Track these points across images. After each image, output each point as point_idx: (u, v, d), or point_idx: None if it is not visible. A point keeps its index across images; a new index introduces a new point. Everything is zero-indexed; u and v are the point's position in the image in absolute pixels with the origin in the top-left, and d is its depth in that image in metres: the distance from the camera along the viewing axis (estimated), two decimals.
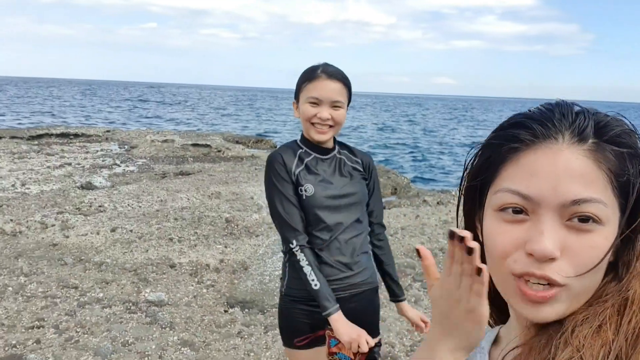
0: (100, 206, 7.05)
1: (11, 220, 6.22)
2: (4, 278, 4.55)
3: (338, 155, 1.89)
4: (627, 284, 0.58)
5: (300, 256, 1.74)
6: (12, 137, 14.57)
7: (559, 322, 0.58)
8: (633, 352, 0.53)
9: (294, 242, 1.76)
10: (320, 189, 1.80)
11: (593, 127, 0.58)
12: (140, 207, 7.13)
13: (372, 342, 1.69)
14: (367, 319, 1.85)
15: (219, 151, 13.47)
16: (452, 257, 0.58)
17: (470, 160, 0.68)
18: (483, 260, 0.59)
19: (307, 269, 1.73)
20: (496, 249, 0.60)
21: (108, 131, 17.10)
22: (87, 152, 12.99)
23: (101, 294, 4.36)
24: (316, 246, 1.81)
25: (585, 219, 0.55)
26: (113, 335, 3.66)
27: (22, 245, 5.45)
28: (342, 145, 1.95)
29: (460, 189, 0.70)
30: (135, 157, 12.57)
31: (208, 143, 14.14)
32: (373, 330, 1.79)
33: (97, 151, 13.30)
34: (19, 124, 22.34)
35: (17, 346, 3.46)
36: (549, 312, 0.58)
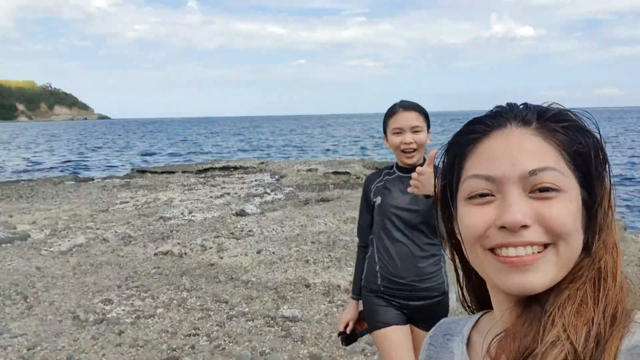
0: (250, 231, 7.87)
1: (178, 243, 7.28)
2: (171, 292, 5.37)
3: None
4: (596, 255, 0.61)
5: (357, 253, 2.38)
6: (184, 172, 16.86)
7: (540, 303, 0.59)
8: (611, 331, 0.55)
9: (358, 243, 2.39)
10: (387, 199, 2.17)
11: (535, 112, 0.65)
12: (283, 231, 7.79)
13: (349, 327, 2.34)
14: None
15: (357, 178, 13.96)
16: None
17: (439, 164, 0.72)
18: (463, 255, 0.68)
19: (356, 263, 2.38)
20: (470, 231, 0.63)
21: (262, 163, 18.81)
22: (243, 183, 14.46)
23: (247, 309, 4.90)
24: (383, 248, 2.20)
25: (545, 188, 0.60)
26: (253, 345, 4.12)
27: (186, 264, 6.35)
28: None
29: (435, 192, 0.74)
30: (284, 185, 13.64)
31: (348, 170, 14.74)
32: None
33: (252, 181, 14.72)
34: (188, 160, 25.53)
35: (177, 350, 4.09)
36: (534, 278, 0.59)
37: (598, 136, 0.64)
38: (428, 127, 2.17)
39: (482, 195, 0.62)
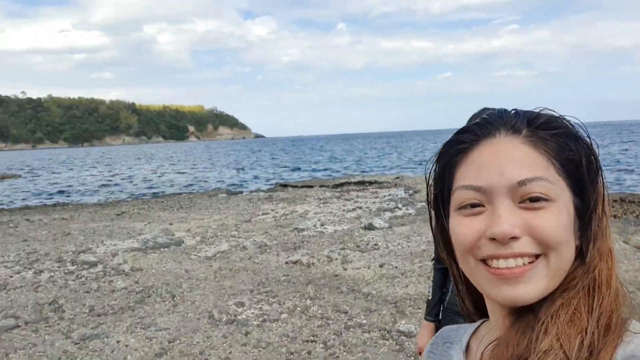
0: (375, 244, 7.94)
1: (307, 253, 7.63)
2: (296, 300, 5.66)
3: None
4: (591, 264, 0.60)
5: (433, 274, 2.21)
6: (321, 186, 17.58)
7: (533, 312, 0.59)
8: (605, 340, 0.55)
9: (432, 262, 2.23)
10: None
11: (525, 120, 0.64)
12: (408, 246, 7.71)
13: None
14: None
15: None
16: None
17: (429, 174, 0.72)
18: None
19: (432, 284, 2.21)
20: (461, 242, 0.63)
21: (397, 178, 18.80)
22: (376, 197, 14.59)
23: (364, 320, 4.96)
24: None
25: (535, 198, 0.59)
26: (366, 357, 4.17)
27: (312, 274, 6.64)
28: None
29: (428, 203, 0.73)
30: (416, 200, 13.45)
31: None
32: None
33: (385, 196, 14.78)
34: (328, 175, 26.52)
35: (294, 354, 4.30)
36: (525, 290, 0.59)
37: (589, 142, 0.62)
38: None
39: (473, 205, 0.62)
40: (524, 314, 0.60)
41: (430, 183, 0.71)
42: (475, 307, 0.76)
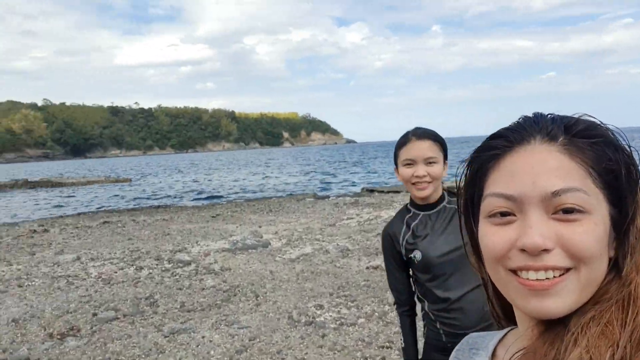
0: None
1: None
2: (374, 305, 5.62)
3: (448, 205, 1.93)
4: (627, 278, 0.58)
5: (400, 320, 2.02)
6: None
7: (563, 323, 0.58)
8: (637, 355, 0.52)
9: (395, 307, 2.05)
10: (428, 251, 1.86)
11: (562, 126, 0.61)
12: None
13: None
14: None
15: None
16: None
17: (460, 178, 0.70)
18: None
19: (402, 332, 2.02)
20: (490, 252, 0.62)
21: None
22: None
23: None
24: (445, 307, 1.88)
25: (569, 210, 0.57)
26: None
27: None
28: (451, 194, 1.97)
29: (458, 207, 0.73)
30: None
31: None
32: None
33: None
34: None
35: (369, 359, 4.28)
36: (554, 304, 0.57)
37: (629, 151, 0.60)
38: (445, 157, 1.90)
39: (503, 214, 0.61)
40: (553, 325, 0.58)
41: (460, 188, 0.70)
42: (504, 313, 0.74)
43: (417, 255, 1.88)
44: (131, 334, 5.10)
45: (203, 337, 4.93)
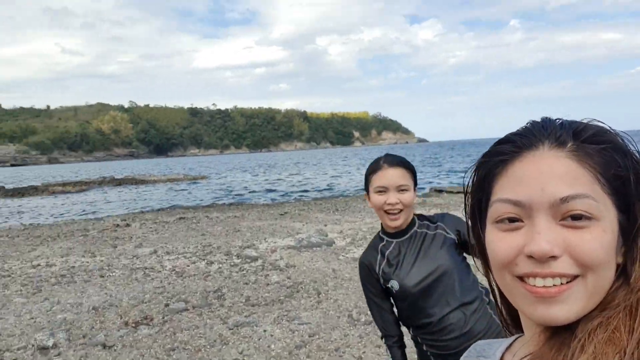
0: None
1: None
2: None
3: (418, 230, 1.94)
4: (636, 285, 0.58)
5: (390, 352, 1.97)
6: None
7: (570, 329, 0.58)
8: None
9: (383, 340, 1.99)
10: (404, 280, 1.87)
11: (571, 132, 0.61)
12: None
13: None
14: None
15: None
16: None
17: (468, 183, 0.71)
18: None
19: None
20: (497, 258, 0.62)
21: None
22: None
23: None
24: (428, 330, 1.88)
25: (577, 216, 0.57)
26: None
27: None
28: (421, 218, 1.99)
29: (465, 212, 0.73)
30: None
31: None
32: None
33: None
34: None
35: None
36: (561, 311, 0.57)
37: (638, 157, 0.60)
38: (415, 184, 1.92)
39: (511, 220, 0.61)
40: (560, 331, 0.58)
41: (468, 192, 0.70)
42: (512, 319, 0.75)
43: (394, 285, 1.89)
44: (198, 325, 5.36)
45: (265, 331, 5.09)
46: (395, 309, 1.98)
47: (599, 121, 0.62)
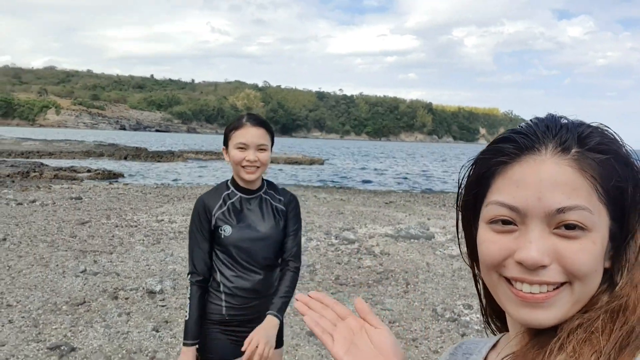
0: None
1: None
2: None
3: (263, 195, 2.08)
4: (621, 291, 0.58)
5: (190, 290, 2.02)
6: None
7: (552, 329, 0.59)
8: (618, 359, 0.53)
9: (189, 276, 2.04)
10: (236, 230, 1.99)
11: (576, 137, 0.60)
12: None
13: None
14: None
15: None
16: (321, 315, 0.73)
17: (464, 176, 0.70)
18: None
19: (188, 302, 2.00)
20: (487, 258, 0.62)
21: None
22: None
23: None
24: (231, 278, 2.02)
25: (571, 226, 0.57)
26: None
27: None
28: (270, 185, 2.14)
29: (457, 204, 0.73)
30: None
31: None
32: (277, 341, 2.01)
33: None
34: None
35: None
36: (544, 316, 0.59)
37: (639, 167, 0.60)
38: (272, 145, 2.06)
39: (505, 222, 0.61)
40: (543, 330, 0.60)
41: (462, 187, 0.70)
42: (497, 315, 0.76)
43: (226, 229, 2.00)
44: None
45: None
46: (214, 255, 2.07)
47: (605, 126, 0.61)
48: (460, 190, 0.71)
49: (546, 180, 0.58)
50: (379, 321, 0.72)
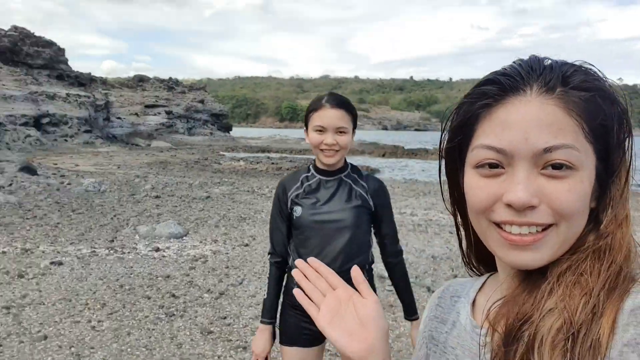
0: None
1: None
2: None
3: (345, 178, 1.97)
4: (606, 230, 0.58)
5: (269, 270, 2.05)
6: None
7: (542, 272, 0.59)
8: (607, 301, 0.53)
9: (269, 257, 2.06)
10: (306, 210, 1.93)
11: (560, 76, 0.58)
12: None
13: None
14: None
15: None
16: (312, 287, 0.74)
17: (447, 121, 0.68)
18: (466, 216, 0.68)
19: (268, 282, 2.05)
20: (476, 204, 0.62)
21: None
22: None
23: None
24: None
25: (558, 165, 0.56)
26: None
27: None
28: (354, 169, 2.02)
29: (440, 149, 0.70)
30: None
31: None
32: None
33: None
34: None
35: None
36: (533, 258, 0.59)
37: (624, 105, 0.59)
38: (354, 128, 1.94)
39: (491, 165, 0.60)
40: (532, 273, 0.60)
41: (444, 132, 0.69)
42: (479, 261, 0.76)
43: (297, 210, 1.96)
44: None
45: None
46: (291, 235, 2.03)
47: (589, 64, 0.59)
48: (443, 135, 0.69)
49: (532, 120, 0.57)
50: (369, 291, 0.72)
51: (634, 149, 0.60)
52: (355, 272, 0.75)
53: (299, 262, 0.78)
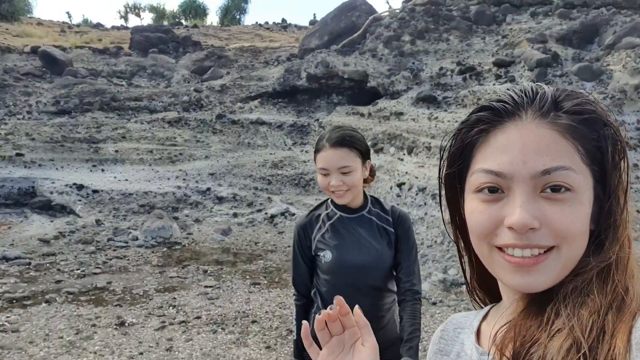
0: None
1: None
2: None
3: (367, 215, 1.86)
4: (608, 251, 0.59)
5: (295, 311, 1.98)
6: None
7: (546, 295, 0.59)
8: (617, 321, 0.53)
9: (294, 299, 1.98)
10: (336, 255, 1.81)
11: (553, 101, 0.61)
12: None
13: None
14: None
15: None
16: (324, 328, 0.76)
17: (445, 149, 0.69)
18: (468, 240, 0.68)
19: (294, 323, 1.96)
20: (477, 228, 0.63)
21: None
22: None
23: None
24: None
25: (557, 187, 0.57)
26: None
27: None
28: (375, 203, 1.91)
29: (439, 177, 0.71)
30: None
31: None
32: None
33: None
34: None
35: None
36: (537, 280, 0.59)
37: (616, 126, 0.61)
38: (364, 159, 1.80)
39: (491, 190, 0.61)
40: (537, 297, 0.61)
41: (444, 159, 0.70)
42: (483, 290, 0.76)
43: (326, 255, 1.84)
44: None
45: None
46: (315, 279, 1.93)
47: (581, 90, 0.62)
48: (442, 164, 0.70)
49: (529, 143, 0.58)
50: (368, 337, 0.75)
51: (629, 169, 0.61)
52: (357, 315, 0.77)
53: (326, 314, 0.77)
